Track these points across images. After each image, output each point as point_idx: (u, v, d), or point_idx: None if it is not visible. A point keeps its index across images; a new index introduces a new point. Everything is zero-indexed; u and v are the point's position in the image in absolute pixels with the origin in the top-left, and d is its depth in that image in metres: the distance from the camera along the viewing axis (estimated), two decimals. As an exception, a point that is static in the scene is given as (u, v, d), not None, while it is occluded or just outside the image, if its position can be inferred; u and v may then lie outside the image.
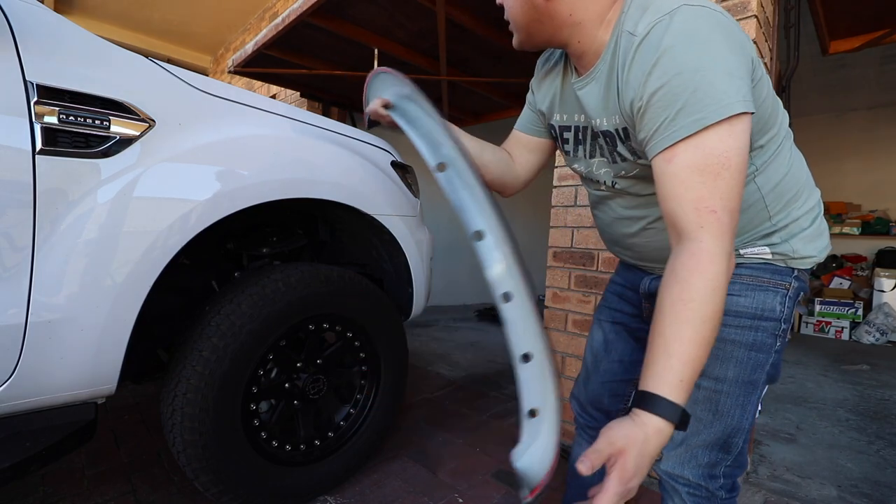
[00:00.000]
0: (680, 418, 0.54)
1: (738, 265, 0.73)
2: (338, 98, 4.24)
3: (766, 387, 0.77)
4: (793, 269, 0.74)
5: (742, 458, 0.76)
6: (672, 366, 0.54)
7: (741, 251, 0.74)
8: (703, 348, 0.54)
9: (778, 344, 0.73)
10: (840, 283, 5.19)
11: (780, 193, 0.72)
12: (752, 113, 0.57)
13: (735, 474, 0.76)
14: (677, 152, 0.56)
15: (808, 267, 0.75)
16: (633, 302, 0.95)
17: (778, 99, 0.72)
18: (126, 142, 0.97)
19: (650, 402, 0.54)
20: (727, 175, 0.54)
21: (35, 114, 0.86)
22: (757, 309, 0.72)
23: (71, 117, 0.90)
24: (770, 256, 0.73)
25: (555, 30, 0.70)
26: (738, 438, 0.73)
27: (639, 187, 0.75)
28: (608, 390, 0.97)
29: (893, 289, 4.66)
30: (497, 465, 1.63)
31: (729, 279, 0.56)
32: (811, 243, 0.74)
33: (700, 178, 0.55)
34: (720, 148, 0.55)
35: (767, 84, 0.66)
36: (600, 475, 0.52)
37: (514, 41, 0.80)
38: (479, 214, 0.78)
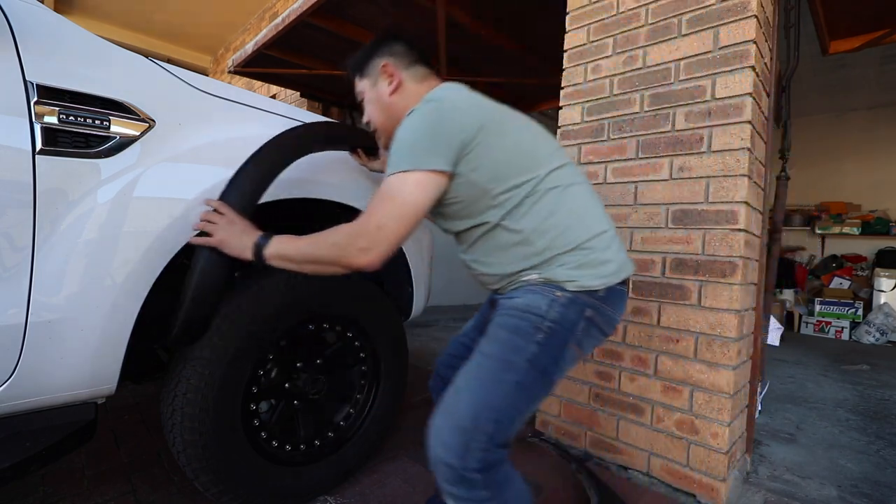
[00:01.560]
0: (257, 248, 0.92)
1: (521, 286, 0.91)
2: (338, 98, 4.24)
3: (547, 386, 0.85)
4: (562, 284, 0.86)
5: (497, 440, 0.77)
6: (287, 240, 0.91)
7: (522, 278, 0.90)
8: (302, 251, 0.88)
9: (540, 336, 0.83)
10: (840, 283, 5.19)
11: (542, 232, 0.87)
12: (434, 171, 0.81)
13: (490, 457, 0.76)
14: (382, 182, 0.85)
15: (581, 289, 0.86)
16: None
17: (538, 157, 0.90)
18: (126, 142, 0.97)
19: (262, 238, 0.93)
20: (390, 203, 0.81)
21: (35, 114, 0.86)
22: (525, 304, 0.86)
23: (71, 117, 0.90)
24: (537, 278, 0.88)
25: (400, 116, 0.93)
26: (487, 415, 0.77)
27: (441, 222, 0.99)
28: (447, 363, 1.16)
29: (893, 289, 4.66)
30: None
31: (342, 249, 0.83)
32: (576, 271, 0.86)
33: (378, 198, 0.82)
34: (393, 186, 0.82)
35: (502, 146, 0.86)
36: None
37: (382, 144, 1.12)
38: None
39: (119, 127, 0.96)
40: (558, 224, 0.88)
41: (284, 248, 0.90)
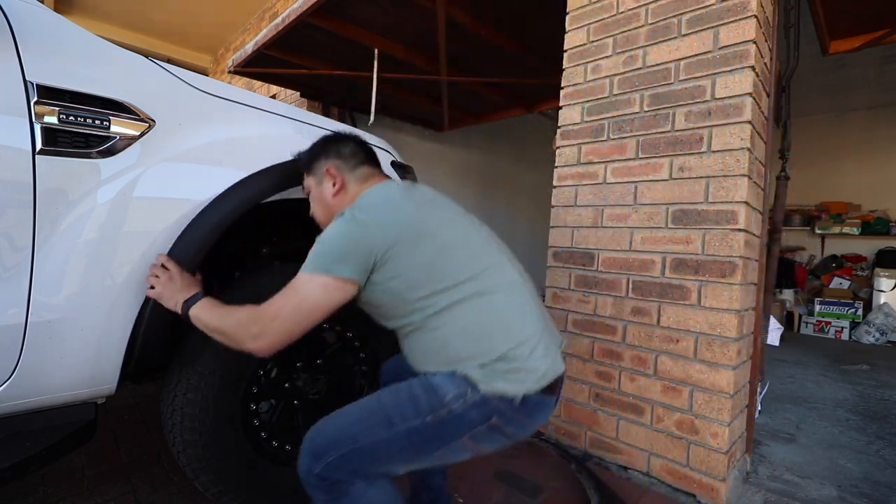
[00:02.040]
0: (184, 307, 0.95)
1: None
2: (338, 98, 4.24)
3: (421, 458, 0.88)
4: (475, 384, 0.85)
5: (349, 468, 0.84)
6: (209, 306, 0.96)
7: (436, 371, 0.91)
8: (213, 320, 0.93)
9: (429, 418, 0.84)
10: (840, 283, 5.19)
11: (462, 339, 0.87)
12: (340, 277, 0.86)
13: (336, 475, 0.83)
14: None
15: (495, 394, 0.84)
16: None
17: (460, 264, 0.90)
18: (126, 142, 0.97)
19: (191, 298, 0.96)
20: (292, 298, 0.87)
21: (35, 114, 0.86)
22: (435, 384, 0.86)
23: (71, 117, 0.90)
24: (458, 371, 0.87)
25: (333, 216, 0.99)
26: (333, 451, 0.84)
27: (375, 319, 1.01)
28: (393, 369, 1.19)
29: (893, 289, 4.65)
30: (497, 465, 1.63)
31: (237, 330, 0.89)
32: (494, 377, 0.85)
33: (284, 290, 0.89)
34: (300, 283, 0.88)
35: (420, 257, 0.88)
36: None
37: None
38: None
39: (119, 127, 0.96)
40: (479, 332, 0.87)
41: (200, 313, 0.94)
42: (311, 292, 0.86)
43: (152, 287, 0.98)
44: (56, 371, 0.90)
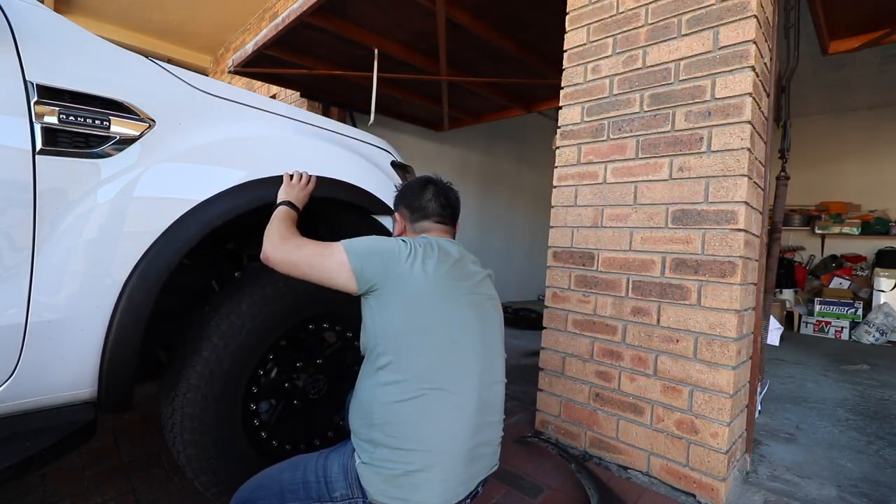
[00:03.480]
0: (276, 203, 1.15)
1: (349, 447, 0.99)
2: (338, 98, 4.24)
3: None
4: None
5: None
6: (287, 213, 1.12)
7: (353, 439, 0.98)
8: (274, 220, 1.08)
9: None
10: (840, 283, 5.19)
11: (395, 419, 0.90)
12: (352, 267, 0.95)
13: None
14: None
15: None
16: None
17: (417, 357, 0.92)
18: (126, 142, 0.97)
19: (285, 202, 1.14)
20: (317, 252, 0.99)
21: (35, 114, 0.86)
22: (326, 474, 0.95)
23: (71, 117, 0.90)
24: (357, 462, 0.95)
25: None
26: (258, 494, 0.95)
27: None
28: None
29: (893, 289, 4.66)
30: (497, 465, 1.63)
31: (272, 233, 1.04)
32: (381, 480, 0.89)
33: (323, 244, 1.01)
34: (333, 249, 0.98)
35: (393, 313, 0.92)
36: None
37: None
38: None
39: (119, 127, 0.96)
40: (402, 417, 0.90)
41: (277, 212, 1.12)
42: (331, 256, 0.96)
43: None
44: (56, 371, 0.90)
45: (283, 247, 0.99)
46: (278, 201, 1.13)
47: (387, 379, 0.91)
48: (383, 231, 1.52)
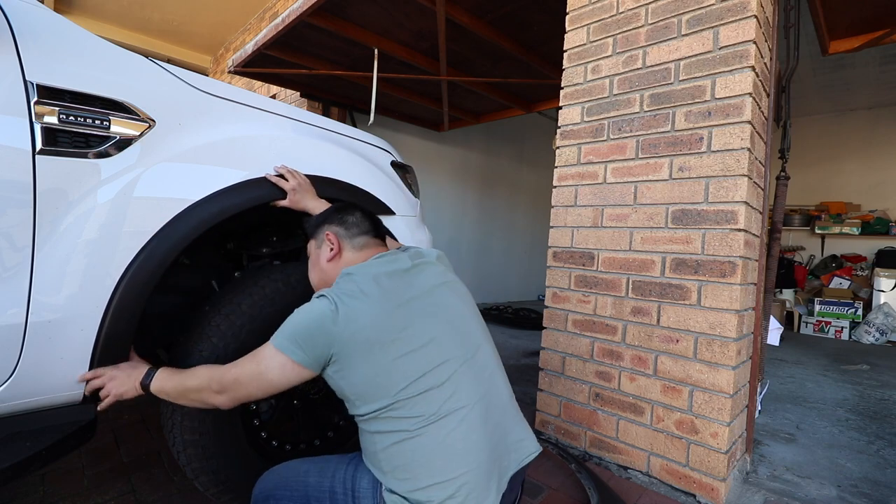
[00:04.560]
0: (143, 386, 0.98)
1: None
2: (338, 98, 4.24)
3: None
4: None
5: None
6: (167, 375, 1.00)
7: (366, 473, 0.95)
8: (176, 386, 0.97)
9: None
10: (840, 283, 5.19)
11: (391, 457, 0.88)
12: (297, 363, 0.88)
13: None
14: None
15: None
16: None
17: (408, 378, 0.87)
18: (126, 142, 0.97)
19: (146, 376, 0.99)
20: (254, 369, 0.91)
21: (35, 114, 0.86)
22: (354, 488, 0.92)
23: (71, 117, 0.90)
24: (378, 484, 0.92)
25: (332, 279, 1.03)
26: (263, 501, 0.95)
27: None
28: None
29: (893, 289, 4.66)
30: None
31: (202, 387, 0.94)
32: None
33: (252, 356, 0.93)
34: (265, 356, 0.91)
35: (356, 371, 0.88)
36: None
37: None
38: None
39: (119, 127, 0.96)
40: (407, 465, 0.86)
41: (162, 385, 0.98)
42: (270, 368, 0.89)
43: (104, 397, 0.99)
44: (56, 371, 0.90)
45: (224, 393, 0.92)
46: (143, 388, 0.99)
47: (378, 427, 0.88)
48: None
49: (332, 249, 1.08)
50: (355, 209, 1.14)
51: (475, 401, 0.91)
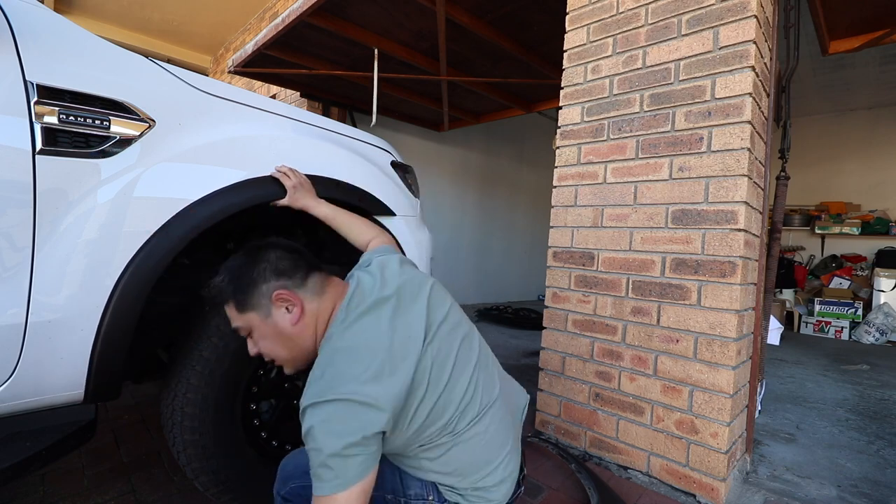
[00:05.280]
0: None
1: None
2: (338, 98, 4.24)
3: None
4: None
5: (296, 502, 0.90)
6: None
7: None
8: None
9: (377, 494, 0.85)
10: (840, 283, 5.19)
11: (455, 465, 0.86)
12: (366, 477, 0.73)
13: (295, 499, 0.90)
14: None
15: None
16: None
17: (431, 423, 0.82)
18: (126, 142, 0.97)
19: None
20: None
21: (35, 114, 0.86)
22: (400, 470, 0.90)
23: (71, 117, 0.90)
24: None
25: (308, 344, 0.88)
26: (297, 479, 0.90)
27: None
28: None
29: (893, 289, 4.66)
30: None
31: None
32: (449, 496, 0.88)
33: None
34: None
35: (405, 423, 0.79)
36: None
37: (289, 373, 0.94)
38: None
39: (119, 127, 0.96)
40: (449, 470, 0.87)
41: None
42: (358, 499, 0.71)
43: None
44: (56, 371, 0.90)
45: None
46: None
47: (427, 455, 0.86)
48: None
49: (290, 310, 0.85)
50: (274, 247, 0.90)
51: (497, 390, 0.95)
